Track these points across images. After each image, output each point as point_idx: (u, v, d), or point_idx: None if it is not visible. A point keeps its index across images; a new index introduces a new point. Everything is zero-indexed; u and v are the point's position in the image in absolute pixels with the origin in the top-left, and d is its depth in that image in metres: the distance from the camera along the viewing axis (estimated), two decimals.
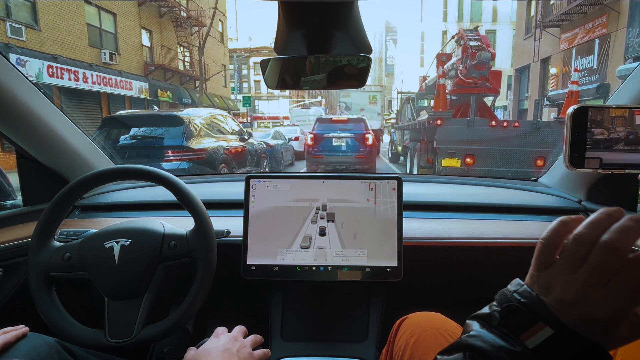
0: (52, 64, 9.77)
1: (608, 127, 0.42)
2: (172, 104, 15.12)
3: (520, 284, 0.33)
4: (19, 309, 0.98)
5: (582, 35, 12.05)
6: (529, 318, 0.31)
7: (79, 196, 0.82)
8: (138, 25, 13.57)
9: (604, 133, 0.42)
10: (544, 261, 0.33)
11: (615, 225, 0.30)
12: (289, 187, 0.93)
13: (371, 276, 0.90)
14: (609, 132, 0.42)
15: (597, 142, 0.42)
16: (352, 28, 0.60)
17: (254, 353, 0.70)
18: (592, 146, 0.42)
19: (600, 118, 0.42)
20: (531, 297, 0.32)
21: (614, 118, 0.42)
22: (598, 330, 0.30)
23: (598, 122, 0.42)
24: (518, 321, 0.31)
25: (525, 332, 0.30)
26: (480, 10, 26.26)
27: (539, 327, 0.30)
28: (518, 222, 1.04)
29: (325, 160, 7.51)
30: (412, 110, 10.26)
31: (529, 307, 0.31)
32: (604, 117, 0.42)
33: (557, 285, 0.31)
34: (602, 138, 0.42)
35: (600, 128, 0.42)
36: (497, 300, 0.34)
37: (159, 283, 0.76)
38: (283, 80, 0.72)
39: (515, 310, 0.32)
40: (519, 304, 0.32)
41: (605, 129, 0.42)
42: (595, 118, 0.42)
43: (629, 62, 9.63)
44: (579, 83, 7.60)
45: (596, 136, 0.42)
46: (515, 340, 0.30)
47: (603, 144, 0.42)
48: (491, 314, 0.33)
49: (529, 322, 0.31)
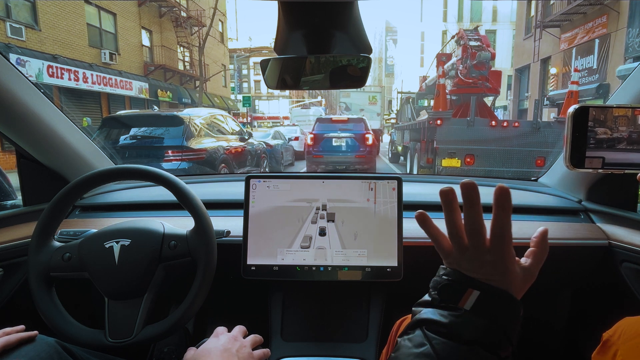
0: (52, 64, 9.78)
1: (611, 127, 0.42)
2: (172, 104, 15.12)
3: (444, 268, 0.42)
4: (19, 309, 0.98)
5: (582, 35, 12.05)
6: (459, 288, 0.39)
7: (79, 196, 0.82)
8: (138, 25, 13.57)
9: (607, 132, 0.42)
10: (445, 252, 0.43)
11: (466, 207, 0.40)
12: (289, 187, 0.93)
13: (371, 276, 0.90)
14: (612, 132, 0.42)
15: (600, 141, 0.42)
16: (352, 28, 0.60)
17: (254, 353, 0.70)
18: (595, 145, 0.42)
19: (603, 118, 0.42)
20: (455, 274, 0.41)
21: (617, 118, 0.42)
22: (499, 277, 0.39)
23: (601, 121, 0.42)
24: (453, 293, 0.40)
25: (461, 299, 0.39)
26: (480, 10, 26.26)
27: (469, 293, 0.39)
28: (518, 222, 1.04)
29: (325, 160, 7.51)
30: (412, 110, 10.26)
31: (458, 281, 0.40)
32: (607, 117, 0.42)
33: (462, 260, 0.41)
34: (605, 137, 0.42)
35: (603, 128, 0.42)
36: (432, 286, 0.42)
37: (159, 283, 0.76)
38: (283, 80, 0.72)
39: (448, 286, 0.40)
40: (449, 282, 0.40)
41: (609, 129, 0.42)
42: (598, 117, 0.42)
43: (629, 62, 9.63)
44: (579, 83, 7.59)
45: (599, 135, 0.42)
46: (456, 308, 0.39)
47: (606, 144, 0.42)
48: (432, 298, 0.41)
49: (461, 291, 0.39)
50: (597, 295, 1.09)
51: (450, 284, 0.40)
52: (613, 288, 0.99)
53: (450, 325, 0.38)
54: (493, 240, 0.40)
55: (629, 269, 0.91)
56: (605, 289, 1.05)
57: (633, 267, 0.90)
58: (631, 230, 0.94)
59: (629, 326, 0.54)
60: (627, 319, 0.56)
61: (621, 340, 0.53)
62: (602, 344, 0.56)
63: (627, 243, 0.91)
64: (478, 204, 0.40)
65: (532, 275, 0.42)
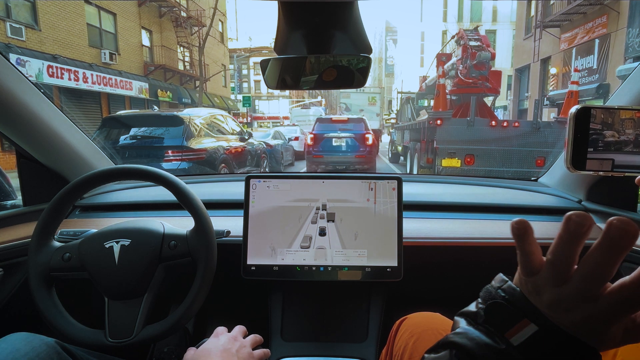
0: (52, 64, 9.77)
1: (618, 130, 0.41)
2: (172, 104, 15.11)
3: (504, 280, 0.33)
4: (19, 309, 0.98)
5: (582, 35, 12.05)
6: (513, 314, 0.30)
7: (79, 196, 0.82)
8: (138, 25, 13.57)
9: (614, 135, 0.41)
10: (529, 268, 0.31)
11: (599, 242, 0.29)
12: (289, 187, 0.93)
13: (371, 276, 0.90)
14: (619, 135, 0.41)
15: (607, 144, 0.41)
16: (352, 28, 0.60)
17: (254, 353, 0.70)
18: (603, 148, 0.41)
19: (611, 120, 0.41)
20: (515, 294, 0.31)
21: (624, 120, 0.41)
22: (587, 332, 0.29)
23: (609, 124, 0.41)
24: (503, 318, 0.31)
25: (511, 329, 0.30)
26: (480, 10, 26.26)
27: (523, 324, 0.30)
28: None
29: (325, 160, 7.51)
30: (412, 110, 10.26)
31: (514, 304, 0.31)
32: (614, 120, 0.41)
33: (546, 291, 0.30)
34: (612, 140, 0.41)
35: (611, 130, 0.41)
36: (482, 297, 0.34)
37: (159, 283, 0.76)
38: (283, 80, 0.72)
39: (500, 307, 0.31)
40: (503, 301, 0.31)
41: (616, 132, 0.41)
42: (606, 120, 0.41)
43: (629, 62, 9.63)
44: (579, 83, 7.59)
45: (607, 138, 0.41)
46: (500, 338, 0.30)
47: (613, 146, 0.41)
48: (477, 312, 0.33)
49: (514, 318, 0.30)
50: None
51: (505, 305, 0.31)
52: None
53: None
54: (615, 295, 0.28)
55: (629, 269, 0.91)
56: None
57: (633, 267, 0.89)
58: None
59: None
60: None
61: None
62: None
63: None
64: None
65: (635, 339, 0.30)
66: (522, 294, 0.31)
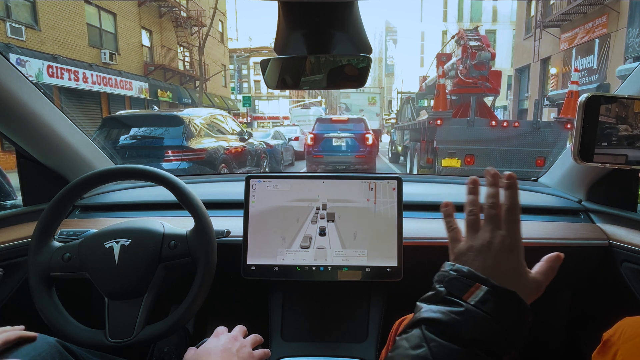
0: (52, 64, 9.77)
1: (632, 124, 0.40)
2: (172, 104, 15.12)
3: (451, 264, 0.42)
4: (19, 309, 0.98)
5: (582, 35, 12.05)
6: (466, 284, 0.39)
7: (78, 196, 0.82)
8: (138, 25, 13.57)
9: (628, 129, 0.40)
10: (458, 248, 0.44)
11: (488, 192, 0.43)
12: (289, 187, 0.93)
13: (371, 276, 0.90)
14: (632, 129, 0.40)
15: (620, 138, 0.40)
16: (352, 28, 0.60)
17: (254, 353, 0.70)
18: (617, 142, 0.40)
19: (625, 114, 0.40)
20: (464, 270, 0.40)
21: (637, 114, 0.40)
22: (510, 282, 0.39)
23: (622, 117, 0.40)
24: (460, 287, 0.39)
25: (466, 293, 0.38)
26: (480, 10, 26.26)
27: (476, 287, 0.38)
28: None
29: (325, 160, 7.51)
30: (412, 110, 10.26)
31: (466, 276, 0.40)
32: (628, 114, 0.40)
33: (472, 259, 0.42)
34: (626, 134, 0.40)
35: (625, 124, 0.40)
36: (438, 280, 0.42)
37: (159, 283, 0.76)
38: (283, 80, 0.72)
39: (457, 280, 0.40)
40: (457, 276, 0.40)
41: (629, 125, 0.40)
42: (620, 114, 0.40)
43: (629, 62, 9.63)
44: (579, 83, 7.59)
45: (621, 132, 0.40)
46: (459, 303, 0.38)
47: (626, 140, 0.40)
48: (435, 292, 0.40)
49: (468, 285, 0.39)
50: (597, 295, 1.09)
51: (458, 278, 0.40)
52: (613, 288, 0.99)
53: (450, 324, 0.36)
54: (506, 215, 0.42)
55: (629, 269, 0.91)
56: (605, 289, 1.05)
57: (633, 267, 0.90)
58: (631, 230, 0.94)
59: (629, 326, 0.54)
60: (627, 319, 0.56)
61: (621, 340, 0.53)
62: (603, 344, 0.56)
63: (627, 243, 0.91)
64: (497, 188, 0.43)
65: (540, 288, 0.42)
66: (470, 269, 0.40)
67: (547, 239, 0.97)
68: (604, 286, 1.05)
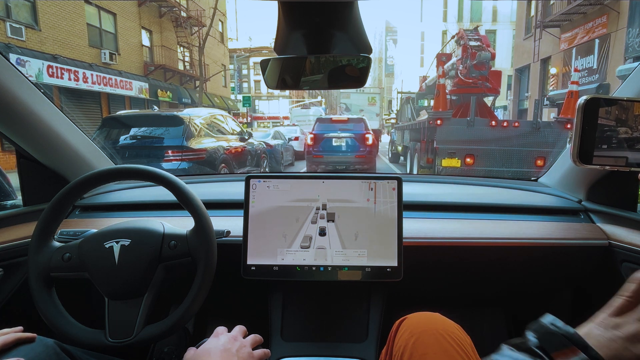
0: (52, 64, 9.77)
1: (631, 126, 0.40)
2: (172, 104, 15.11)
3: (555, 319, 0.38)
4: (19, 309, 0.98)
5: (582, 35, 12.05)
6: (564, 342, 0.34)
7: (78, 196, 0.82)
8: (138, 25, 13.57)
9: (628, 132, 0.40)
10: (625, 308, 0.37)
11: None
12: (289, 187, 0.93)
13: (371, 276, 0.90)
14: (632, 131, 0.40)
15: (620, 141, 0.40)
16: (352, 28, 0.60)
17: (254, 353, 0.69)
18: (617, 145, 0.40)
19: (625, 116, 0.39)
20: (568, 329, 0.35)
21: (637, 117, 0.39)
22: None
23: (622, 120, 0.39)
24: (554, 343, 0.35)
25: (558, 351, 0.34)
26: (480, 10, 26.25)
27: (572, 351, 0.33)
28: (518, 222, 1.04)
29: (325, 160, 7.50)
30: (412, 110, 10.26)
31: (566, 335, 0.35)
32: (628, 115, 0.39)
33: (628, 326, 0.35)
34: (626, 137, 0.40)
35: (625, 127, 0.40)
36: (533, 328, 0.38)
37: (159, 283, 0.76)
38: (283, 80, 0.72)
39: (553, 335, 0.36)
40: (557, 330, 0.36)
41: (629, 128, 0.40)
42: (620, 116, 0.39)
43: (629, 62, 9.63)
44: (579, 83, 7.59)
45: (621, 135, 0.40)
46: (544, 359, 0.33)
47: (626, 143, 0.40)
48: (524, 340, 0.37)
49: (564, 345, 0.34)
50: (597, 296, 1.09)
51: (558, 334, 0.36)
52: (613, 288, 0.99)
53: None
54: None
55: (629, 269, 0.91)
56: (605, 289, 1.05)
57: (633, 267, 0.90)
58: (631, 230, 0.94)
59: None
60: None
61: None
62: None
63: (627, 243, 0.91)
64: None
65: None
66: (576, 331, 0.35)
67: (547, 239, 0.97)
68: (604, 286, 1.05)
